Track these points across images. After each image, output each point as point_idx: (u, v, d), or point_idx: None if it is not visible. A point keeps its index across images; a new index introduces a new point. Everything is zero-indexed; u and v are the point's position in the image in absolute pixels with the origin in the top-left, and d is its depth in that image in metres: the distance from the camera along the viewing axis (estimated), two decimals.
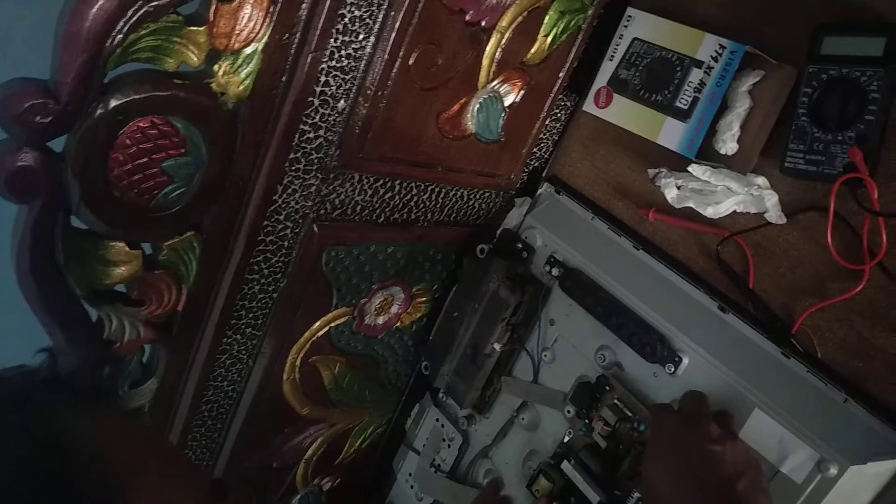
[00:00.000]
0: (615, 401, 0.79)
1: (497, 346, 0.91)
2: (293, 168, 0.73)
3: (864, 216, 0.68)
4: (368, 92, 0.72)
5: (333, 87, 0.70)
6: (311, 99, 0.69)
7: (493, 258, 0.91)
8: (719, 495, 0.59)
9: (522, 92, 0.86)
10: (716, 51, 0.74)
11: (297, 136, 0.71)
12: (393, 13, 0.69)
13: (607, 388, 0.80)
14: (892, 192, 0.67)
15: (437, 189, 0.90)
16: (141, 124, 0.59)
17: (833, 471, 0.64)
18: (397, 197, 0.86)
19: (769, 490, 0.62)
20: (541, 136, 0.94)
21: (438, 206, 0.92)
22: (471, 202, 0.96)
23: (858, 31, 0.68)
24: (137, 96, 0.58)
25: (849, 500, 0.67)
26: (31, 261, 0.59)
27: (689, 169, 0.76)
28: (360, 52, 0.70)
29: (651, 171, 0.83)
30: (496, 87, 0.83)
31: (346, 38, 0.68)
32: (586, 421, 0.81)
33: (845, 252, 0.70)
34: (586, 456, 0.79)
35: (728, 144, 0.75)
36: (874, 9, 0.69)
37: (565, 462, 0.80)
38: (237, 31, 0.61)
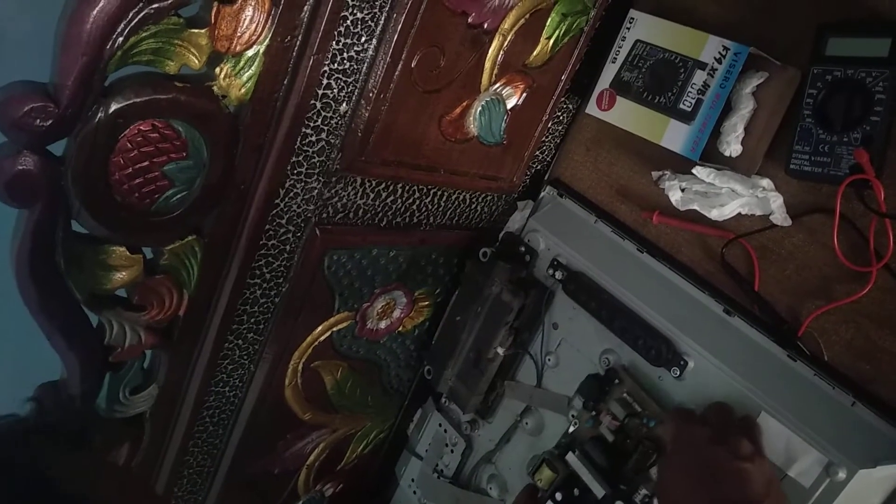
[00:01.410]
0: (624, 394, 0.78)
1: (500, 351, 0.90)
2: (295, 171, 0.73)
3: (871, 218, 0.68)
4: (370, 95, 0.72)
5: (335, 90, 0.70)
6: (313, 102, 0.69)
7: (495, 262, 0.91)
8: None
9: (525, 94, 0.86)
10: (719, 52, 0.74)
11: (298, 139, 0.70)
12: (395, 15, 0.68)
13: (616, 381, 0.79)
14: None
15: (439, 192, 0.89)
16: (142, 127, 0.59)
17: (841, 475, 0.63)
18: (399, 200, 0.86)
19: None
20: (543, 138, 0.94)
21: (441, 209, 0.92)
22: (473, 205, 0.95)
23: (863, 32, 0.68)
24: (138, 99, 0.57)
25: None
26: (31, 265, 0.59)
27: (694, 171, 0.76)
28: (362, 55, 0.70)
29: (655, 174, 0.82)
30: (498, 90, 0.83)
31: (349, 41, 0.68)
32: (593, 413, 0.80)
33: (851, 254, 0.69)
34: (592, 448, 0.78)
35: (732, 146, 0.74)
36: (877, 9, 0.68)
37: (570, 453, 0.79)
38: (239, 34, 0.60)
